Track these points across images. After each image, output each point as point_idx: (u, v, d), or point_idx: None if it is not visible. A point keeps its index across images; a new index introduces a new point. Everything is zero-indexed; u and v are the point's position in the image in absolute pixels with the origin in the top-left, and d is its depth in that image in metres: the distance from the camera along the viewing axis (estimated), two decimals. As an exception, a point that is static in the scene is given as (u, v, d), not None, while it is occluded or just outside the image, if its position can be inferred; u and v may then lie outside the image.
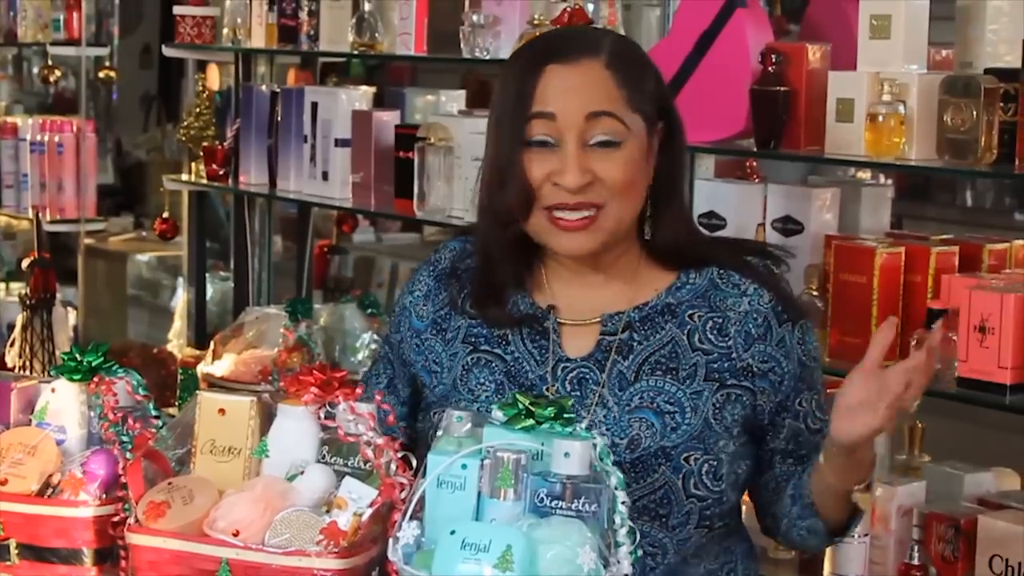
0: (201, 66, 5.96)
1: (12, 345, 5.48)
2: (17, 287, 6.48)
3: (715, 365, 2.32)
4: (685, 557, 2.32)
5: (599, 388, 2.32)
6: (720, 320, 2.33)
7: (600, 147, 2.26)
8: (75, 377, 2.31)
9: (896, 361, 3.21)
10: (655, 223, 2.37)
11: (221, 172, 5.18)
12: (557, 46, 2.32)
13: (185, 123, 5.60)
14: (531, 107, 2.27)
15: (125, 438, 2.25)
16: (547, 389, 2.32)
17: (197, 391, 2.31)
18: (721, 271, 2.37)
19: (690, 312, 2.34)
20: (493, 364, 2.37)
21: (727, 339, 2.33)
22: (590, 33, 2.39)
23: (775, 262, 2.42)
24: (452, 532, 1.94)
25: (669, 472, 2.27)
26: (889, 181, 4.07)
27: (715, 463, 2.30)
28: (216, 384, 4.43)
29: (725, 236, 2.65)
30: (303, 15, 4.82)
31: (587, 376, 2.33)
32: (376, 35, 4.51)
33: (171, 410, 4.75)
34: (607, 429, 2.27)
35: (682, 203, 2.41)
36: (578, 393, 2.31)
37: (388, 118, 4.54)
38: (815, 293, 3.32)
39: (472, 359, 2.38)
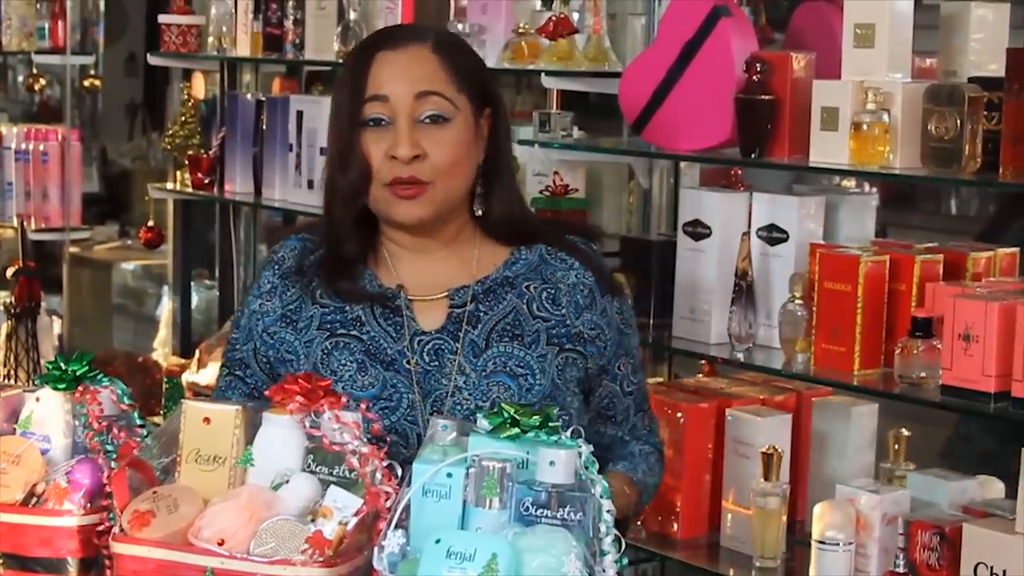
0: (186, 75, 5.95)
1: (-4, 354, 5.47)
2: (2, 296, 6.47)
3: (554, 331, 2.51)
4: None
5: (455, 357, 2.46)
6: (552, 291, 2.53)
7: (430, 123, 2.44)
8: (60, 386, 2.31)
9: (880, 369, 3.24)
10: (487, 200, 2.54)
11: (206, 181, 5.18)
12: (387, 36, 2.52)
13: (170, 132, 5.60)
14: (366, 91, 2.44)
15: (110, 447, 2.25)
16: (407, 362, 2.45)
17: (182, 400, 2.30)
18: (549, 247, 2.57)
19: (526, 284, 2.53)
20: (352, 345, 2.48)
21: (560, 308, 2.52)
22: (418, 26, 2.65)
23: (593, 239, 2.65)
24: (437, 541, 1.94)
25: None
26: (874, 189, 4.07)
27: (567, 417, 2.44)
28: (201, 393, 4.43)
29: (548, 217, 3.05)
30: (288, 24, 4.83)
31: (442, 347, 2.47)
32: (361, 44, 4.51)
33: (156, 419, 4.74)
34: (469, 394, 2.43)
35: (512, 182, 2.58)
36: (436, 363, 2.46)
37: (373, 127, 4.54)
38: (800, 301, 3.32)
39: (331, 343, 2.49)
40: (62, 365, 2.32)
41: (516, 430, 2.03)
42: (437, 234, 2.51)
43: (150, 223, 5.79)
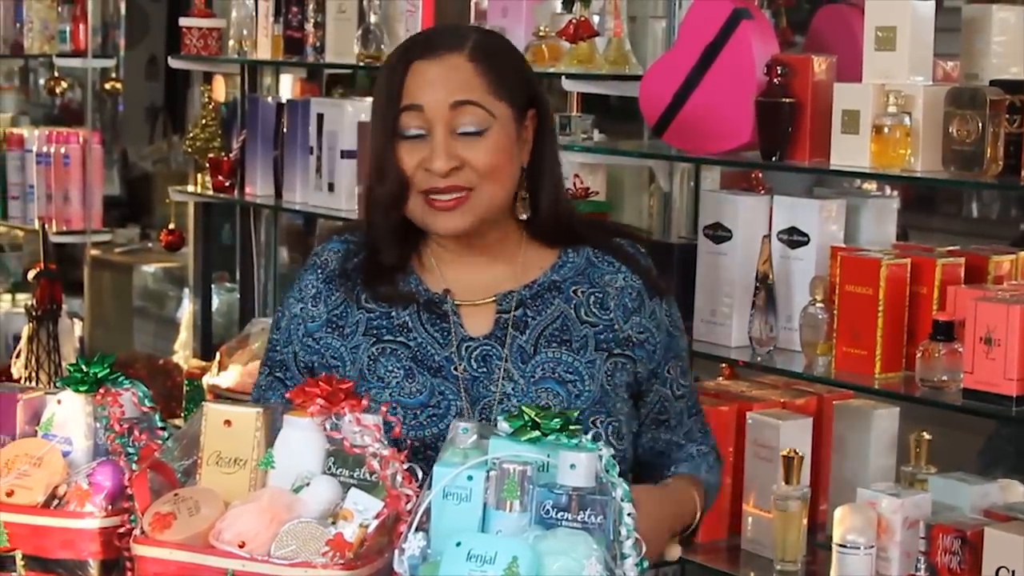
0: (207, 78, 5.96)
1: (18, 356, 5.47)
2: (23, 298, 6.48)
3: (602, 336, 2.48)
4: None
5: (503, 363, 2.44)
6: (600, 295, 2.50)
7: (467, 135, 2.39)
8: (81, 388, 2.31)
9: (902, 372, 3.24)
10: (534, 204, 2.49)
11: (227, 183, 5.19)
12: (422, 44, 2.46)
13: (191, 134, 5.61)
14: (401, 102, 2.40)
15: (131, 449, 2.25)
16: (455, 368, 2.43)
17: (203, 402, 2.30)
18: (596, 250, 2.53)
19: (574, 288, 2.50)
20: (399, 352, 2.45)
21: (608, 312, 2.49)
22: (456, 29, 2.53)
23: (639, 241, 2.60)
24: (458, 544, 1.94)
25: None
26: (895, 192, 4.06)
27: (616, 424, 2.45)
28: (222, 395, 4.43)
29: (593, 218, 2.96)
30: (309, 27, 4.83)
31: (490, 353, 2.45)
32: (382, 47, 4.51)
33: (177, 421, 4.75)
34: (518, 401, 2.40)
35: (558, 185, 2.54)
36: (484, 369, 2.43)
37: (394, 129, 4.53)
38: (821, 304, 3.32)
39: (377, 349, 2.46)
40: (83, 367, 2.32)
41: (537, 433, 2.03)
42: (481, 240, 2.47)
43: (171, 226, 5.79)
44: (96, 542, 2.20)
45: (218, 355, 4.71)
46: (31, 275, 5.67)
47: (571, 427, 2.03)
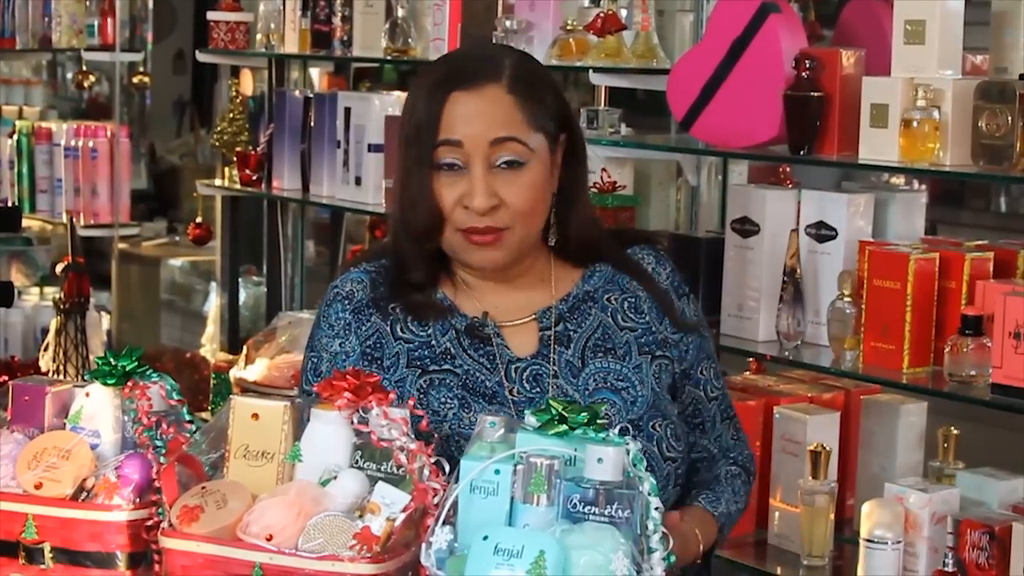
0: (235, 71, 5.96)
1: (46, 350, 5.49)
2: (51, 292, 6.50)
3: (642, 340, 2.47)
4: None
5: (554, 380, 2.40)
6: (633, 300, 2.49)
7: (506, 168, 2.35)
8: (109, 381, 2.31)
9: (930, 367, 3.22)
10: (561, 228, 2.47)
11: (254, 177, 5.19)
12: (460, 72, 2.39)
13: (218, 128, 5.61)
14: (438, 134, 2.35)
15: (159, 442, 2.26)
16: (508, 392, 2.39)
17: (231, 396, 2.31)
18: (618, 266, 2.52)
19: (607, 296, 2.48)
20: (448, 381, 2.41)
21: (643, 316, 2.48)
22: (492, 55, 2.48)
23: (658, 244, 2.58)
24: (485, 537, 1.94)
25: (644, 441, 2.37)
26: (923, 187, 4.05)
27: (673, 426, 2.44)
28: (249, 389, 4.44)
29: (613, 231, 2.83)
30: (336, 21, 4.83)
31: (540, 372, 2.42)
32: (409, 41, 4.52)
33: (204, 415, 4.76)
34: None
35: (586, 206, 2.51)
36: (538, 389, 2.40)
37: (421, 123, 4.53)
38: (848, 299, 3.31)
39: (425, 381, 2.41)
40: (111, 360, 2.32)
41: (564, 427, 2.03)
42: (512, 272, 2.45)
43: (198, 219, 5.80)
44: (124, 535, 2.20)
45: (245, 349, 4.72)
46: (59, 268, 5.68)
47: (598, 421, 2.03)
